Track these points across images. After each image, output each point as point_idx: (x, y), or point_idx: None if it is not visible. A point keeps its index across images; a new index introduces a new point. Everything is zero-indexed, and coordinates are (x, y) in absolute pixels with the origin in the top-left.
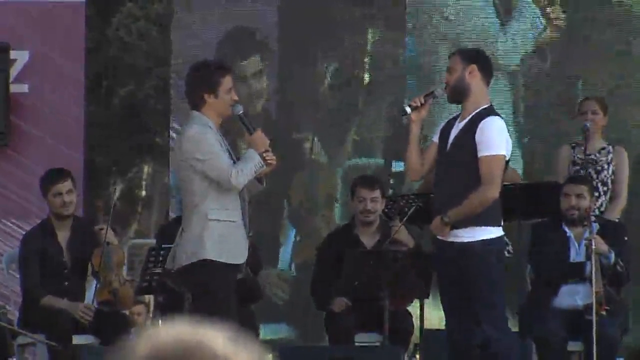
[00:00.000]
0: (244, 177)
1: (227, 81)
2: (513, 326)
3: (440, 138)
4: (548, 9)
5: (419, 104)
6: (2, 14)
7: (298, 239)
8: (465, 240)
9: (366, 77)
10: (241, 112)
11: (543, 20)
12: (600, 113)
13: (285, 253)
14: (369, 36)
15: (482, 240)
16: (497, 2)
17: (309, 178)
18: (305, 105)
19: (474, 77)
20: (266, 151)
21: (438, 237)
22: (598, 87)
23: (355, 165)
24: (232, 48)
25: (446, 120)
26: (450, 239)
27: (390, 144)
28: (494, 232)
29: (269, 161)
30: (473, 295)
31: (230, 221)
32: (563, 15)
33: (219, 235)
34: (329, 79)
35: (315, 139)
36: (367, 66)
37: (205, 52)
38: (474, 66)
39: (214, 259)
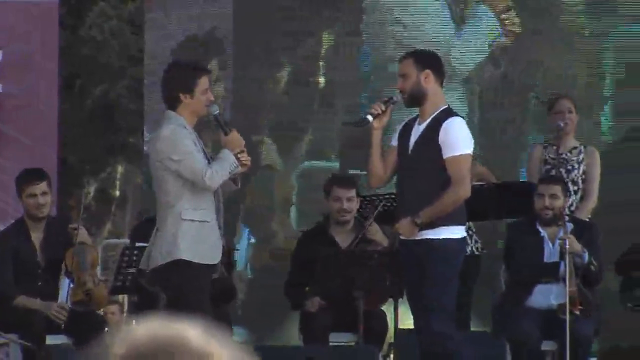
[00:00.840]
0: (219, 178)
1: (203, 82)
2: (486, 326)
3: (399, 141)
4: (503, 15)
5: (380, 111)
6: None
7: (252, 240)
8: (430, 237)
9: (322, 80)
10: (217, 112)
11: (499, 26)
12: (574, 111)
13: (240, 254)
14: (325, 40)
15: (445, 239)
16: (452, 7)
17: (265, 181)
18: (260, 107)
19: (429, 82)
20: (241, 152)
21: (401, 237)
22: (555, 87)
23: (310, 168)
24: (202, 50)
25: (403, 123)
26: (414, 237)
27: (345, 148)
28: (457, 232)
29: (243, 162)
30: (426, 290)
31: (204, 221)
32: (518, 20)
33: (193, 235)
34: (284, 81)
35: (271, 141)
36: (322, 70)
37: (179, 53)
38: (429, 71)
39: (188, 259)
